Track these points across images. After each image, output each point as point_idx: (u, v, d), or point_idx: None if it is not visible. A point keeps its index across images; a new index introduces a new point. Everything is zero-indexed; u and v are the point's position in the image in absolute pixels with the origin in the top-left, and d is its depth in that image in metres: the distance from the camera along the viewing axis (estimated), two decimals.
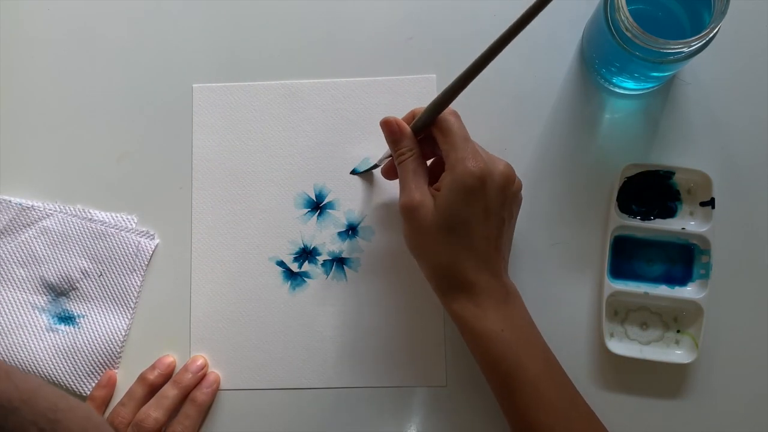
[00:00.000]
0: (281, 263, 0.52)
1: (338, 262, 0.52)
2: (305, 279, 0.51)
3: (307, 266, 0.52)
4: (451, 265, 0.43)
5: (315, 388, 0.50)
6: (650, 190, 0.50)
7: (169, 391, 0.49)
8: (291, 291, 0.51)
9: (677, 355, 0.48)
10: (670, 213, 0.50)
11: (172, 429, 0.48)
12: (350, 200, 0.52)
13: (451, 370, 0.50)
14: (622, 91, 0.50)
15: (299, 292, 0.51)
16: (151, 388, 0.49)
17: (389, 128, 0.44)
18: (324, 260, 0.52)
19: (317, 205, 0.52)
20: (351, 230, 0.52)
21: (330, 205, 0.52)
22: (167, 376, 0.50)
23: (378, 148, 0.51)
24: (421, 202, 0.42)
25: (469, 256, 0.42)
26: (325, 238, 0.52)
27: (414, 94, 0.52)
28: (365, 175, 0.52)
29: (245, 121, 0.53)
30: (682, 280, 0.49)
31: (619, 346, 0.49)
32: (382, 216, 0.52)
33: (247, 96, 0.53)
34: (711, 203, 0.49)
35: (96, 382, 0.50)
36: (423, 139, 0.45)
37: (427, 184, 0.44)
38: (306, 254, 0.52)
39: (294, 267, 0.52)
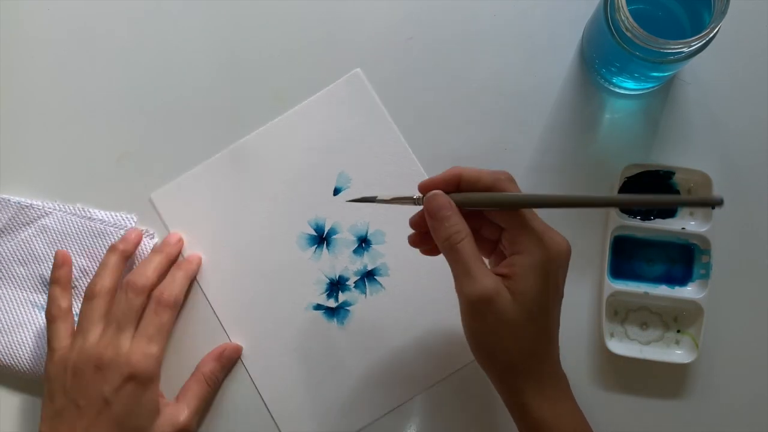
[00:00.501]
0: (318, 306, 0.51)
1: (368, 276, 0.51)
2: (347, 308, 0.51)
3: (342, 296, 0.51)
4: (527, 358, 0.38)
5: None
6: (650, 190, 0.50)
7: (154, 257, 0.48)
8: (340, 325, 0.50)
9: (677, 355, 0.48)
10: (670, 213, 0.50)
11: (158, 290, 0.47)
12: (348, 216, 0.51)
13: None
14: (622, 91, 0.50)
15: (348, 323, 0.50)
16: (123, 255, 0.48)
17: (437, 204, 0.37)
18: (355, 282, 0.51)
19: (321, 238, 0.51)
20: (363, 242, 0.51)
21: (333, 231, 0.51)
22: (136, 245, 0.49)
23: (351, 165, 0.51)
24: (497, 291, 0.36)
25: (547, 343, 0.38)
26: (345, 262, 0.51)
27: (348, 95, 0.52)
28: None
29: (212, 201, 0.51)
30: (682, 280, 0.49)
31: (619, 346, 0.49)
32: (382, 216, 0.51)
33: (199, 180, 0.51)
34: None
35: None
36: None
37: (487, 266, 0.38)
38: (335, 285, 0.51)
39: (331, 303, 0.51)
